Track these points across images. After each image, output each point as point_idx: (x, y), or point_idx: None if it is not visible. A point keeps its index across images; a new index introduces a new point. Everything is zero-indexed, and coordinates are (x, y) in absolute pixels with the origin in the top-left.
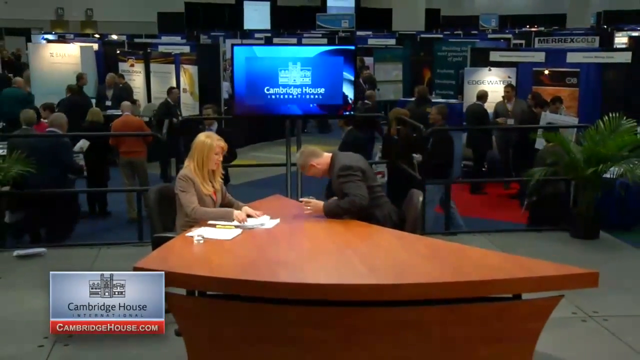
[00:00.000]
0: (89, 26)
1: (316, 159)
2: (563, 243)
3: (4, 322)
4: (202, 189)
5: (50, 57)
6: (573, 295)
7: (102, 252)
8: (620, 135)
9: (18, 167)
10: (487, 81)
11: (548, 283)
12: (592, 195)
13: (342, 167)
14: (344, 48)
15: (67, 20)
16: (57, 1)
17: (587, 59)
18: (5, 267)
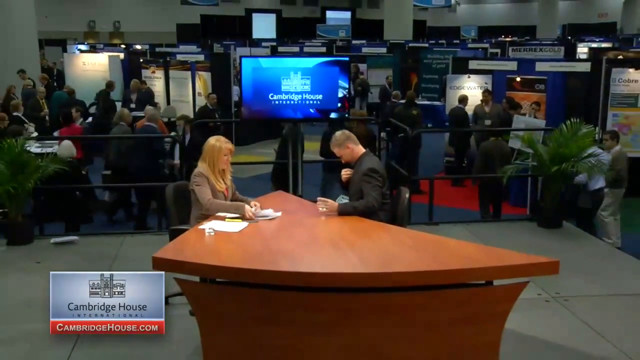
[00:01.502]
0: (116, 36)
1: (353, 144)
2: (531, 232)
3: (42, 301)
4: (216, 186)
5: (83, 65)
6: (538, 279)
7: (127, 239)
8: (580, 138)
9: (54, 166)
10: (466, 86)
11: (516, 271)
12: (556, 190)
13: (371, 168)
14: (339, 59)
15: (98, 31)
16: (89, 15)
17: (553, 68)
18: (44, 253)
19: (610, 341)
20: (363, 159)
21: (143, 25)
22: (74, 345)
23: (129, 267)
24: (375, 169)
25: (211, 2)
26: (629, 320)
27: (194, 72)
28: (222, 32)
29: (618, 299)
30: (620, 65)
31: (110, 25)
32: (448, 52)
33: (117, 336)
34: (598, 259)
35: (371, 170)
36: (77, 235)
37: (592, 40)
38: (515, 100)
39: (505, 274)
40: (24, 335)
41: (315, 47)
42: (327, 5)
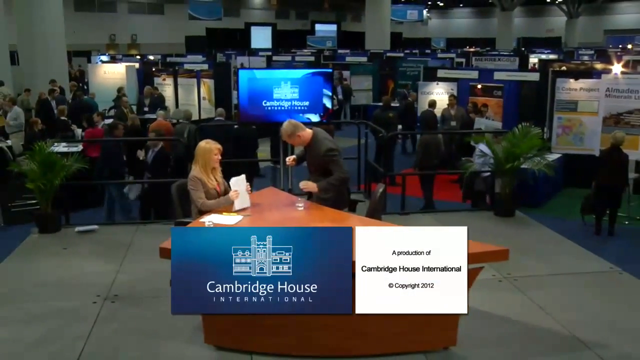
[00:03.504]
0: (134, 48)
1: (301, 131)
2: (489, 220)
3: (68, 282)
4: (209, 184)
5: (104, 74)
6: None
7: (140, 228)
8: (530, 139)
9: (77, 165)
10: (435, 92)
11: (474, 258)
12: (509, 184)
13: (328, 148)
14: (323, 71)
15: (118, 43)
16: (110, 29)
17: (509, 77)
18: (70, 240)
19: (550, 314)
20: (315, 139)
21: (157, 38)
22: (95, 320)
23: (142, 253)
24: (332, 148)
25: (215, 17)
26: (566, 297)
27: (199, 80)
28: (225, 43)
29: (558, 278)
30: (563, 76)
31: (128, 38)
32: (420, 62)
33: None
34: (543, 243)
35: (329, 150)
36: (97, 225)
37: (541, 52)
38: (478, 105)
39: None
40: (54, 311)
41: (306, 56)
42: (316, 19)
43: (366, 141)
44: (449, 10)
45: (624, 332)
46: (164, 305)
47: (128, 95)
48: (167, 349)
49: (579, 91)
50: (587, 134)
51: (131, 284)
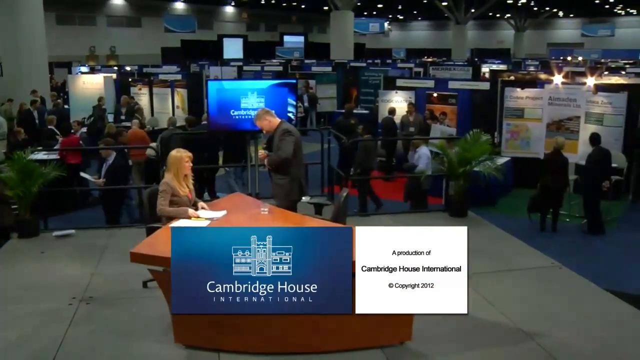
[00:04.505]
0: (113, 59)
1: (270, 117)
2: (444, 220)
3: (46, 285)
4: (180, 192)
5: (83, 84)
6: None
7: (115, 232)
8: (480, 144)
9: (54, 173)
10: (395, 100)
11: None
12: (462, 186)
13: (285, 129)
14: (287, 81)
15: (97, 54)
16: (90, 41)
17: (462, 86)
18: (48, 244)
19: (498, 308)
20: (280, 126)
21: (134, 49)
22: (71, 321)
23: (116, 256)
24: (288, 130)
25: (189, 30)
26: (513, 291)
27: (173, 89)
28: (199, 54)
29: (506, 274)
30: (511, 85)
31: (107, 50)
32: (381, 71)
33: (104, 314)
34: (493, 241)
35: (285, 131)
36: (74, 229)
37: (492, 62)
38: (434, 112)
39: None
40: (32, 313)
41: (274, 66)
42: (284, 31)
43: (329, 147)
44: (408, 23)
45: (563, 323)
46: (137, 306)
47: (106, 104)
48: (139, 348)
49: (525, 99)
50: (532, 138)
51: (106, 286)
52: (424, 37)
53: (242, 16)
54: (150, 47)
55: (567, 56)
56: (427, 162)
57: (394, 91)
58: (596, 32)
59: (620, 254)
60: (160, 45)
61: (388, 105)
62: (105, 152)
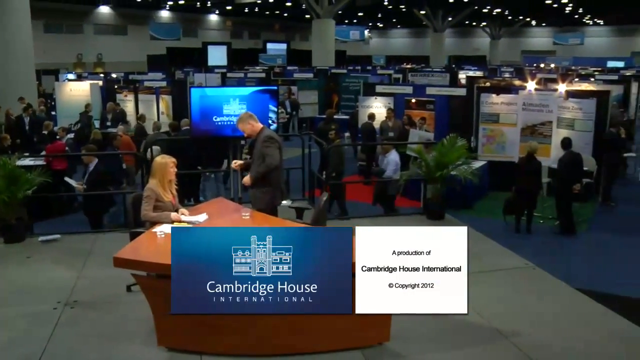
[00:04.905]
0: (99, 66)
1: (254, 121)
2: (422, 223)
3: (32, 289)
4: (164, 198)
5: (70, 91)
6: None
7: (100, 236)
8: (457, 149)
9: (40, 179)
10: (374, 106)
11: None
12: (439, 189)
13: (268, 136)
14: (269, 88)
15: (85, 62)
16: (77, 49)
17: (439, 92)
18: (34, 249)
19: (474, 308)
20: (262, 131)
21: (121, 57)
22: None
23: (101, 260)
24: (272, 137)
25: (174, 37)
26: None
27: (158, 96)
28: (184, 61)
29: (482, 275)
30: (486, 91)
31: (94, 57)
32: (361, 78)
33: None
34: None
35: (268, 137)
36: (60, 234)
37: (469, 68)
38: (412, 117)
39: None
40: (18, 316)
41: (257, 72)
42: (267, 39)
43: (309, 151)
44: (388, 31)
45: (535, 322)
46: (120, 309)
47: (92, 110)
48: (123, 351)
49: (500, 105)
50: (507, 143)
51: (90, 290)
52: (403, 44)
53: (226, 24)
54: (137, 54)
55: (540, 63)
56: (395, 167)
57: (373, 97)
58: (567, 40)
59: (591, 254)
60: (146, 52)
61: (367, 110)
62: (87, 158)
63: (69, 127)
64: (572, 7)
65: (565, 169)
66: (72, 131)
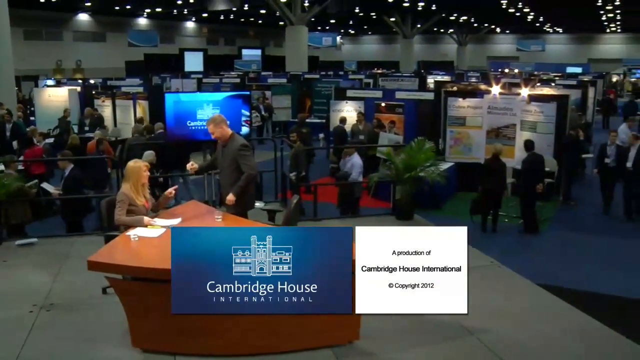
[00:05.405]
0: (79, 72)
1: (225, 126)
2: (391, 223)
3: (7, 293)
4: (137, 202)
5: (49, 97)
6: None
7: (77, 240)
8: (424, 152)
9: (17, 183)
10: (345, 110)
11: None
12: (408, 191)
13: (243, 144)
14: (241, 93)
15: (64, 68)
16: (57, 55)
17: (408, 96)
18: (11, 253)
19: None
20: (234, 138)
21: (100, 63)
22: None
23: (78, 263)
24: (246, 144)
25: (152, 44)
26: None
27: (135, 101)
28: (161, 67)
29: None
30: (453, 95)
31: (73, 63)
32: (333, 82)
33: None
34: None
35: (243, 146)
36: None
37: (437, 73)
38: (381, 120)
39: None
40: None
41: (233, 78)
42: (242, 45)
43: (282, 154)
44: (359, 37)
45: (501, 318)
46: (96, 311)
47: (71, 116)
48: (99, 353)
49: (467, 108)
50: (474, 145)
51: (66, 293)
52: (374, 50)
53: (202, 31)
54: (115, 60)
55: (505, 68)
56: (360, 170)
57: (344, 101)
58: (529, 47)
59: (554, 252)
60: (125, 59)
61: (339, 114)
62: (63, 163)
63: (48, 132)
64: (533, 16)
65: (528, 170)
66: (50, 136)
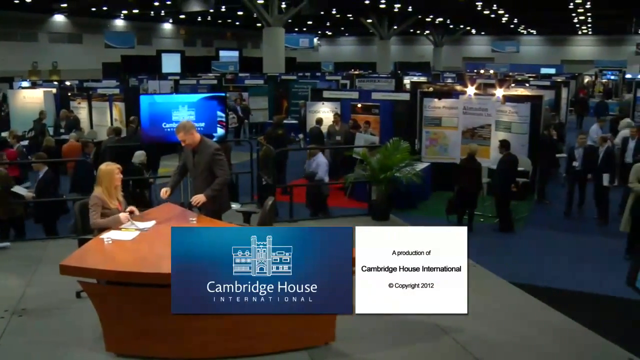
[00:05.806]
0: (55, 74)
1: (195, 132)
2: (367, 223)
3: None
4: (111, 205)
5: (23, 99)
6: None
7: (51, 243)
8: (400, 152)
9: None
10: (322, 111)
11: None
12: (384, 191)
13: (217, 148)
14: (217, 95)
15: (40, 70)
16: (32, 57)
17: (384, 97)
18: None
19: None
20: (203, 142)
21: (76, 64)
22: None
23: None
24: (219, 148)
25: (129, 45)
26: None
27: (111, 103)
28: (139, 69)
29: None
30: (429, 96)
31: (49, 65)
32: (310, 83)
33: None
34: None
35: (217, 150)
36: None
37: (414, 74)
38: (357, 122)
39: None
40: None
41: (210, 79)
42: (220, 47)
43: (258, 156)
44: (336, 39)
45: (476, 318)
46: (69, 315)
47: (46, 118)
48: (71, 357)
49: (442, 109)
50: (449, 145)
51: (39, 297)
52: (350, 51)
53: (179, 33)
54: (92, 62)
55: (480, 69)
56: (326, 169)
57: (320, 102)
58: (504, 48)
59: (529, 251)
60: (101, 60)
61: (315, 115)
62: (37, 166)
63: (23, 134)
64: (507, 17)
65: (503, 170)
66: (25, 138)
